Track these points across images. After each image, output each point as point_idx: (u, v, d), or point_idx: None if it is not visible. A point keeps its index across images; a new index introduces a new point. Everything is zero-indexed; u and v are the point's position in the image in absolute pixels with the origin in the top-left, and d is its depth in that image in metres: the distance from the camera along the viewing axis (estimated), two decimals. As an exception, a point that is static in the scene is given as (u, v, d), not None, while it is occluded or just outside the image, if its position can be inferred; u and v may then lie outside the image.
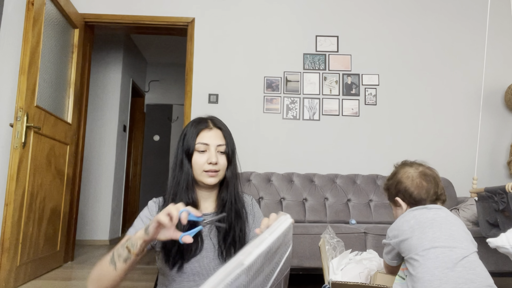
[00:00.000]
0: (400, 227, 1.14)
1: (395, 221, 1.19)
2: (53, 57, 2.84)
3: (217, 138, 1.16)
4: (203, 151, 1.15)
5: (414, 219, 1.12)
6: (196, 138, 1.15)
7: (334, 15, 3.40)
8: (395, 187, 1.23)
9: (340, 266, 1.24)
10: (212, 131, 1.17)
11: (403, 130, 3.27)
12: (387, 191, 1.29)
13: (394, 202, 1.24)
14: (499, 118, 3.30)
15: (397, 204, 1.23)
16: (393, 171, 1.28)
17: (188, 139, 1.16)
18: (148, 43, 5.29)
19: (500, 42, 3.32)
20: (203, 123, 1.19)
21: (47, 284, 2.49)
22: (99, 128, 4.50)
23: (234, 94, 3.28)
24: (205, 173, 1.13)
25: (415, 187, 1.18)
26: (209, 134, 1.16)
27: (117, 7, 3.34)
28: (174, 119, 6.50)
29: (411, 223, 1.11)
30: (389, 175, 1.29)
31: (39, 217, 2.60)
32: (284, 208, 2.82)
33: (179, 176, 1.15)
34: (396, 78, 3.33)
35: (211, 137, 1.15)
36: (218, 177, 1.15)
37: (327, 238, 1.35)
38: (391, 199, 1.26)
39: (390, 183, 1.26)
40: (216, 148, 1.15)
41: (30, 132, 2.46)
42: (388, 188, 1.28)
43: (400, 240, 1.11)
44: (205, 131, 1.16)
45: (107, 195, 4.42)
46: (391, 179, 1.26)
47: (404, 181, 1.21)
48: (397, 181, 1.23)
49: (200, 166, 1.13)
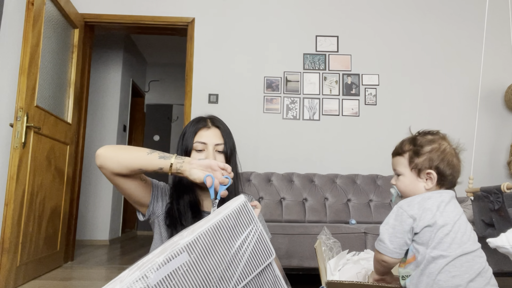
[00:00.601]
0: (434, 209, 0.96)
1: (421, 196, 0.99)
2: (53, 57, 2.84)
3: (215, 137, 1.16)
4: (201, 150, 1.15)
5: (454, 207, 0.98)
6: (194, 137, 1.15)
7: (334, 15, 3.40)
8: (436, 158, 1.01)
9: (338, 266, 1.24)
10: (210, 130, 1.17)
11: (403, 130, 3.25)
12: (415, 155, 1.03)
13: (420, 172, 1.02)
14: (499, 118, 3.30)
15: (424, 176, 1.02)
16: (429, 138, 1.05)
17: (186, 138, 1.17)
18: (148, 43, 5.29)
19: (500, 42, 3.32)
20: (201, 122, 1.19)
21: (47, 284, 2.49)
22: (99, 128, 4.50)
23: (234, 94, 3.28)
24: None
25: (453, 167, 1.02)
26: (207, 133, 1.16)
27: (117, 7, 3.34)
28: (174, 119, 6.50)
29: (449, 211, 0.96)
30: (421, 140, 1.05)
31: (39, 217, 2.60)
32: (284, 208, 2.82)
33: (179, 176, 1.14)
34: (396, 78, 3.33)
35: (209, 136, 1.15)
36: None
37: (323, 239, 1.34)
38: (417, 167, 1.03)
39: (427, 149, 1.02)
40: (214, 148, 1.15)
41: (30, 132, 2.46)
42: (420, 153, 1.03)
43: (428, 225, 0.94)
44: (203, 130, 1.16)
45: (107, 195, 4.42)
46: (427, 145, 1.03)
47: (448, 156, 1.01)
48: (441, 151, 1.02)
49: None
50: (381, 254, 0.99)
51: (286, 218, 2.79)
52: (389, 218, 1.00)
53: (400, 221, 0.97)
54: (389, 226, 0.99)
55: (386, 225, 1.00)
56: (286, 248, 2.21)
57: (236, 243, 0.82)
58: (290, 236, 2.25)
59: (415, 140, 1.06)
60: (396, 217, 0.98)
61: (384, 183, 2.97)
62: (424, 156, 1.02)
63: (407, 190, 1.05)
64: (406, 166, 1.05)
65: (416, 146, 1.04)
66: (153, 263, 0.73)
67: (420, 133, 1.09)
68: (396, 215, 0.99)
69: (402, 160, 1.06)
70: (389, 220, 1.00)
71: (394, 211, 1.00)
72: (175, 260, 0.74)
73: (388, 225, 0.99)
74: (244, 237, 0.83)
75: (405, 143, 1.08)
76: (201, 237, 0.78)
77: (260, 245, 0.85)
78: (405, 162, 1.05)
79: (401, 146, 1.09)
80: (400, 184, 1.06)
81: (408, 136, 1.11)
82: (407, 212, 0.97)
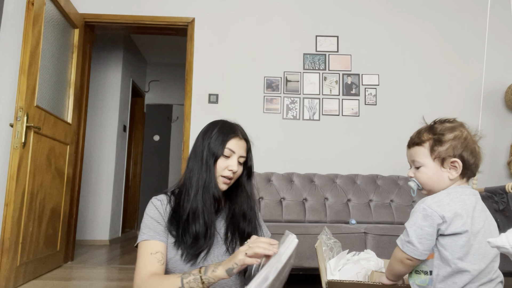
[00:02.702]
0: (464, 214, 0.91)
1: (449, 197, 0.93)
2: (53, 57, 2.84)
3: (242, 149, 1.20)
4: (228, 157, 1.18)
5: (481, 211, 0.94)
6: (227, 143, 1.18)
7: (334, 15, 3.40)
8: (460, 145, 0.95)
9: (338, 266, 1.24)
10: (241, 141, 1.21)
11: (403, 130, 3.26)
12: (437, 144, 0.96)
13: (444, 161, 0.96)
14: (499, 118, 3.30)
15: (448, 166, 0.96)
16: (448, 126, 0.98)
17: (218, 141, 1.18)
18: (148, 43, 5.29)
19: (501, 42, 3.32)
20: (234, 130, 1.21)
21: (47, 284, 2.49)
22: (99, 128, 4.50)
23: (234, 94, 3.28)
24: (222, 178, 1.17)
25: (476, 154, 0.96)
26: (238, 143, 1.19)
27: (117, 7, 3.34)
28: (174, 119, 6.50)
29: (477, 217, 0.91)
30: (441, 127, 0.98)
31: (39, 217, 2.60)
32: (284, 208, 2.82)
33: (204, 175, 1.16)
34: (396, 78, 3.33)
35: (239, 146, 1.19)
36: (229, 185, 1.20)
37: (323, 239, 1.35)
38: (440, 156, 0.96)
39: (449, 137, 0.96)
40: (238, 159, 1.19)
41: (30, 132, 2.46)
42: (442, 141, 0.96)
43: (459, 232, 0.89)
44: (235, 139, 1.19)
45: (107, 195, 4.42)
46: (448, 133, 0.96)
47: (470, 143, 0.95)
48: (464, 137, 0.95)
49: (220, 171, 1.16)
50: (406, 255, 0.93)
51: (286, 218, 2.79)
52: (416, 218, 0.93)
53: (430, 222, 0.91)
54: (417, 227, 0.92)
55: (413, 225, 0.93)
56: (286, 248, 2.21)
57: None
58: (290, 236, 2.24)
59: (433, 129, 0.99)
60: (425, 217, 0.92)
61: (384, 183, 2.97)
62: (447, 144, 0.95)
63: (430, 182, 0.98)
64: (428, 156, 0.98)
65: (437, 134, 0.97)
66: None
67: (436, 121, 1.02)
68: (424, 215, 0.92)
69: (422, 150, 0.99)
70: (416, 220, 0.93)
71: (420, 211, 0.94)
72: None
73: (416, 225, 0.92)
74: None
75: (423, 132, 1.01)
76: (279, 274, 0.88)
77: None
78: (426, 152, 0.98)
79: (419, 136, 1.01)
80: (422, 175, 0.99)
81: (424, 126, 1.04)
82: (438, 212, 0.91)
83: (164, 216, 1.17)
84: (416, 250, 0.92)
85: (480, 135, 1.00)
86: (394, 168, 3.09)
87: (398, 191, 2.94)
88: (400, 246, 0.94)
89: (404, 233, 0.95)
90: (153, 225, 1.15)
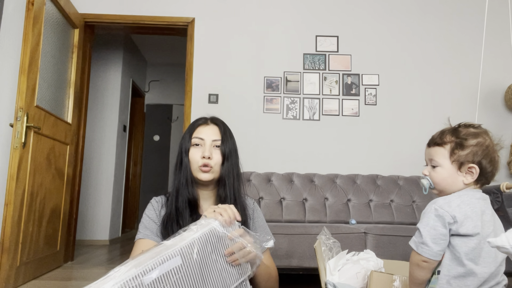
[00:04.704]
0: (474, 217, 0.91)
1: (460, 199, 0.94)
2: (53, 57, 2.84)
3: (213, 134, 1.18)
4: (198, 145, 1.17)
5: (490, 216, 0.95)
6: (193, 133, 1.18)
7: (334, 15, 3.40)
8: (481, 153, 0.96)
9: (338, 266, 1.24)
10: (208, 126, 1.19)
11: (403, 130, 3.27)
12: (458, 148, 0.97)
13: (461, 166, 0.97)
14: (499, 118, 3.30)
15: (465, 170, 0.97)
16: (472, 132, 0.99)
17: (186, 135, 1.20)
18: (148, 43, 5.29)
19: (500, 42, 3.32)
20: (200, 119, 1.22)
21: (47, 284, 2.49)
22: (99, 128, 4.50)
23: (234, 94, 3.28)
24: (199, 168, 1.15)
25: (494, 163, 0.98)
26: (205, 129, 1.18)
27: (117, 7, 3.34)
28: (174, 119, 6.50)
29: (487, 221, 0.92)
30: (465, 132, 0.99)
31: (39, 217, 2.60)
32: (284, 208, 2.82)
33: (179, 174, 1.17)
34: (396, 78, 3.33)
35: (207, 132, 1.18)
36: (212, 173, 1.16)
37: (323, 239, 1.35)
38: (459, 160, 0.97)
39: (472, 143, 0.97)
40: (212, 143, 1.17)
41: (30, 132, 2.46)
42: (464, 146, 0.97)
43: (470, 234, 0.90)
44: (201, 127, 1.19)
45: (107, 195, 4.42)
46: (472, 138, 0.97)
47: (491, 152, 0.97)
48: (486, 145, 0.97)
49: (196, 162, 1.15)
50: (421, 257, 0.93)
51: (286, 218, 2.79)
52: (429, 219, 0.93)
53: (442, 222, 0.92)
54: (430, 227, 0.92)
55: (426, 226, 0.93)
56: (286, 248, 2.21)
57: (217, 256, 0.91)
58: (290, 236, 2.25)
59: (457, 132, 1.00)
60: (437, 217, 0.92)
61: (384, 183, 2.97)
62: (468, 149, 0.97)
63: (444, 184, 0.99)
64: (447, 158, 0.99)
65: (460, 138, 0.98)
66: (147, 264, 0.76)
67: (461, 124, 1.03)
68: (436, 215, 0.93)
69: (442, 151, 1.00)
70: (429, 221, 0.93)
71: (431, 211, 0.94)
72: (169, 263, 0.78)
73: (429, 226, 0.92)
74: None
75: (446, 133, 1.02)
76: (190, 245, 0.85)
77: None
78: (445, 154, 0.99)
79: (442, 137, 1.02)
80: (437, 175, 1.00)
81: (448, 127, 1.05)
82: (449, 212, 0.92)
83: (159, 217, 1.19)
84: (431, 250, 0.92)
85: (502, 145, 1.02)
86: (394, 168, 3.09)
87: (398, 191, 2.94)
88: (415, 248, 0.94)
89: (416, 235, 0.95)
90: (150, 224, 1.17)
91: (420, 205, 2.88)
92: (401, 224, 2.73)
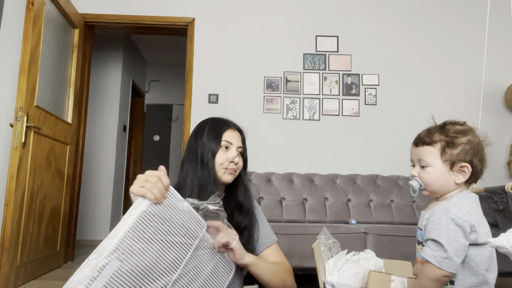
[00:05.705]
0: (482, 222, 0.89)
1: (466, 204, 0.90)
2: (53, 57, 2.84)
3: (238, 140, 1.22)
4: (226, 148, 1.19)
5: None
6: (222, 136, 1.19)
7: (334, 15, 3.40)
8: (472, 151, 0.93)
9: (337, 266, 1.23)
10: (234, 132, 1.22)
11: (403, 130, 3.26)
12: (449, 146, 0.94)
13: (453, 165, 0.93)
14: (499, 118, 3.29)
15: (456, 170, 0.94)
16: (459, 129, 0.96)
17: (212, 136, 1.19)
18: (148, 43, 5.29)
19: (500, 42, 3.32)
20: (225, 123, 1.23)
21: (47, 284, 2.49)
22: (99, 128, 4.50)
23: (234, 94, 3.28)
24: (225, 170, 1.17)
25: (483, 161, 0.94)
26: (232, 134, 1.21)
27: (117, 7, 3.34)
28: (174, 119, 6.50)
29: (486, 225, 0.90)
30: (453, 129, 0.96)
31: (39, 217, 2.60)
32: (284, 208, 2.82)
33: (202, 171, 1.16)
34: (396, 78, 3.33)
35: (234, 137, 1.21)
36: (234, 176, 1.21)
37: (322, 239, 1.34)
38: (451, 159, 0.93)
39: (462, 141, 0.93)
40: (237, 149, 1.20)
41: (30, 132, 2.46)
42: (454, 144, 0.93)
43: (487, 242, 0.87)
44: (229, 131, 1.21)
45: (107, 195, 4.42)
46: (461, 136, 0.94)
47: (480, 149, 0.94)
48: (475, 143, 0.94)
49: (221, 163, 1.17)
50: (444, 272, 0.86)
51: (286, 218, 2.79)
52: (448, 231, 0.87)
53: (463, 232, 0.87)
54: (451, 240, 0.86)
55: (448, 239, 0.86)
56: (286, 248, 2.21)
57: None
58: (290, 236, 2.25)
59: (445, 130, 0.97)
60: (456, 228, 0.87)
61: (384, 183, 2.97)
62: (459, 148, 0.93)
63: (437, 184, 0.95)
64: (438, 157, 0.94)
65: (449, 136, 0.95)
66: (86, 279, 0.77)
67: (447, 122, 0.99)
68: (454, 225, 0.87)
69: (432, 150, 0.95)
70: (449, 232, 0.87)
71: (448, 222, 0.88)
72: (107, 270, 0.77)
73: (450, 238, 0.86)
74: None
75: (434, 132, 0.97)
76: (124, 240, 0.86)
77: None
78: (436, 153, 0.95)
79: (430, 135, 0.97)
80: (428, 176, 0.95)
81: (434, 125, 1.01)
82: (468, 222, 0.87)
83: None
84: (454, 264, 0.86)
85: (488, 142, 0.97)
86: (394, 168, 3.09)
87: (398, 191, 2.94)
88: (436, 263, 0.87)
89: (436, 249, 0.88)
90: None
91: (420, 205, 2.88)
92: (401, 224, 2.73)
